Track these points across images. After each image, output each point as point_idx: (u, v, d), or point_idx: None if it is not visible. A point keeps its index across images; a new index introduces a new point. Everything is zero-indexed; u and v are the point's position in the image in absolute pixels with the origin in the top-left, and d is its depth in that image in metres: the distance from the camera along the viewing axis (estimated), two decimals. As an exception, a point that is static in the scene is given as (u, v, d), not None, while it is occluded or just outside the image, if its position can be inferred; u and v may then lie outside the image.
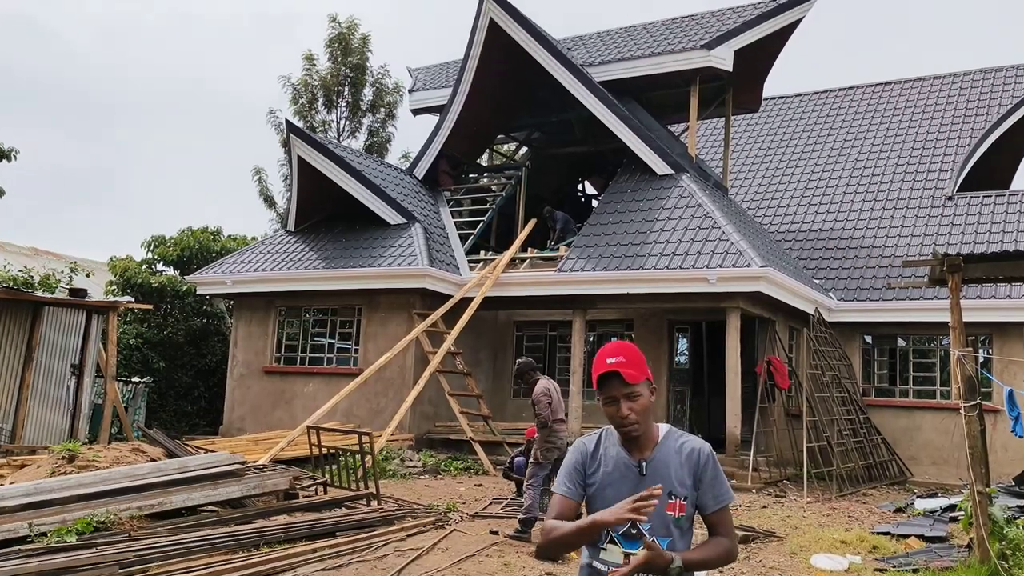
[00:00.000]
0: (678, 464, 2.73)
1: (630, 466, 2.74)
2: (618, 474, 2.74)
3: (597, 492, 2.75)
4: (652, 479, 2.70)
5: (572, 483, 2.79)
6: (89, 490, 7.96)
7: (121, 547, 6.72)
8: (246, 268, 17.02)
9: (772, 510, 10.85)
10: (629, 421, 2.70)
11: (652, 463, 2.73)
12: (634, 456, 2.75)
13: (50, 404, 13.89)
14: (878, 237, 17.84)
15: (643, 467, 2.72)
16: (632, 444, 2.76)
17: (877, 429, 15.61)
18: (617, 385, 2.69)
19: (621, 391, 2.69)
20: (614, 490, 2.70)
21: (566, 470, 2.83)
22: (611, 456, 2.77)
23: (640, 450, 2.75)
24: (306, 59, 29.16)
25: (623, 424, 2.71)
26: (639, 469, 2.72)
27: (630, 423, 2.70)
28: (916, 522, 10.06)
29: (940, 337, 16.01)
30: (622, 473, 2.74)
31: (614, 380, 2.68)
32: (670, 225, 14.98)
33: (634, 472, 2.72)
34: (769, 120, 23.52)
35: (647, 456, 2.74)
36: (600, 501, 2.72)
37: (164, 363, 19.36)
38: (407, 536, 8.10)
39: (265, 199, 29.33)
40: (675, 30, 17.88)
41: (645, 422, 2.73)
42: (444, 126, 18.19)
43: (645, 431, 2.74)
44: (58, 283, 15.28)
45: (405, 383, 15.00)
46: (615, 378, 2.68)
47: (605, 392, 2.71)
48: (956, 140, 19.92)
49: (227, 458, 9.72)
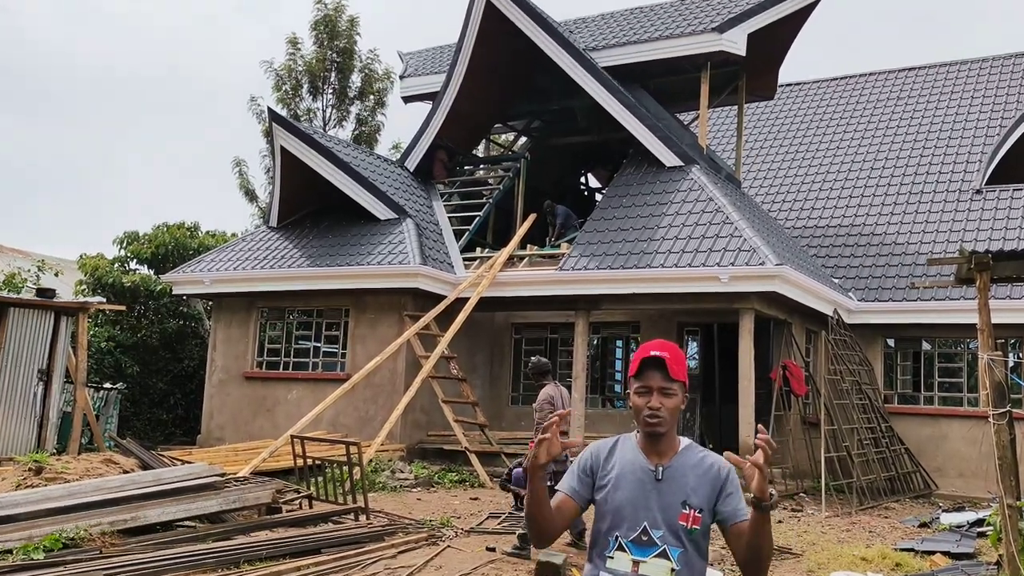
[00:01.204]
0: (696, 477, 2.78)
1: (647, 470, 2.77)
2: (633, 477, 2.78)
3: (608, 493, 2.78)
4: (668, 485, 2.75)
5: (574, 481, 2.85)
6: (57, 504, 7.96)
7: (92, 565, 6.73)
8: (225, 266, 17.02)
9: (788, 525, 10.86)
10: (658, 415, 2.75)
11: (669, 470, 2.77)
12: (651, 460, 2.79)
13: (15, 412, 13.87)
14: (901, 233, 17.86)
15: (660, 472, 2.76)
16: (651, 447, 2.80)
17: (900, 438, 15.63)
18: (657, 376, 2.76)
19: (659, 383, 2.76)
20: (625, 493, 2.74)
21: (575, 469, 2.87)
22: (627, 459, 2.82)
23: (659, 455, 2.79)
24: (290, 43, 29.19)
25: (650, 416, 2.75)
26: (655, 474, 2.76)
27: (658, 417, 2.75)
28: (941, 538, 10.08)
29: (967, 340, 16.03)
30: (637, 476, 2.77)
31: (655, 370, 2.76)
32: (679, 220, 14.99)
33: (650, 476, 2.76)
34: (785, 108, 23.54)
35: (665, 463, 2.79)
36: (610, 503, 2.76)
37: (138, 368, 19.36)
38: (398, 553, 8.10)
39: (246, 192, 29.36)
40: (685, 12, 17.89)
41: (671, 423, 2.79)
42: (437, 114, 18.20)
43: (668, 433, 2.79)
44: (24, 282, 15.30)
45: (396, 389, 15.00)
46: (658, 368, 2.75)
47: (642, 380, 2.77)
48: (985, 129, 19.95)
49: (205, 470, 9.73)
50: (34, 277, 16.08)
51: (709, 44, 16.42)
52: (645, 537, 2.69)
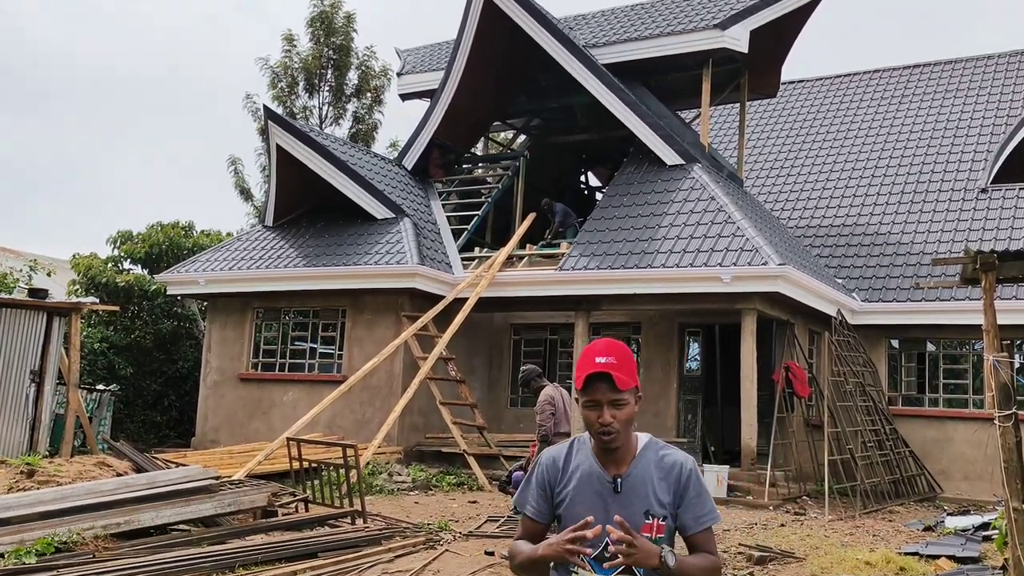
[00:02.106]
0: (657, 479, 2.69)
1: (604, 481, 2.70)
2: (590, 490, 2.70)
3: (568, 508, 2.72)
4: (628, 496, 2.67)
5: (537, 502, 2.79)
6: (50, 507, 7.96)
7: (85, 569, 6.72)
8: (221, 266, 17.01)
9: (791, 528, 10.86)
10: (611, 430, 2.65)
11: (628, 479, 2.70)
12: (609, 470, 2.71)
13: (7, 414, 13.86)
14: (905, 233, 17.87)
15: (618, 484, 2.68)
16: (608, 457, 2.72)
17: (904, 441, 15.62)
18: (604, 389, 2.64)
19: (607, 396, 2.64)
20: (585, 507, 2.67)
21: (532, 487, 2.81)
22: (583, 470, 2.73)
23: (616, 464, 2.71)
24: (285, 40, 29.16)
25: (603, 433, 2.67)
26: (613, 486, 2.68)
27: (611, 432, 2.66)
28: (947, 541, 10.07)
29: (973, 341, 16.03)
30: (595, 489, 2.70)
31: (602, 383, 2.64)
32: (680, 220, 14.99)
33: (608, 488, 2.69)
34: (788, 106, 23.55)
35: (623, 471, 2.70)
36: (569, 519, 2.69)
37: (131, 369, 19.35)
38: (395, 557, 8.10)
39: (241, 191, 29.35)
40: (686, 8, 17.89)
41: (626, 433, 2.69)
42: (435, 112, 18.19)
43: (624, 443, 2.70)
44: (16, 282, 15.30)
45: (393, 391, 15.00)
46: (603, 381, 2.64)
47: (589, 395, 2.66)
48: (990, 127, 19.96)
49: (200, 473, 9.72)
50: (26, 277, 16.08)
51: (711, 41, 16.44)
52: (608, 553, 2.60)
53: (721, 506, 12.56)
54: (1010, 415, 7.25)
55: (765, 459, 13.52)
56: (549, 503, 2.78)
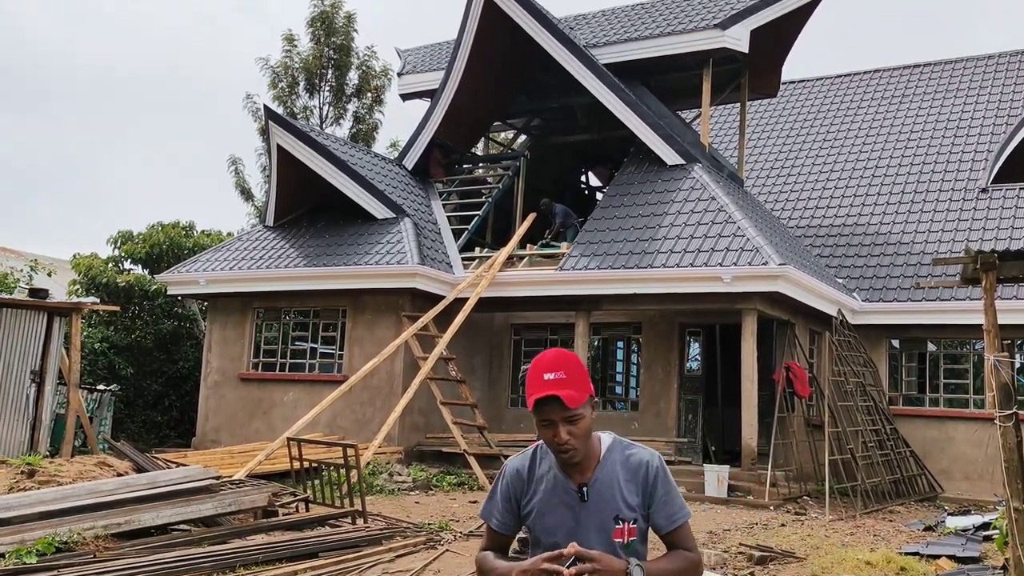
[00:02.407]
0: (624, 481, 2.65)
1: (570, 491, 2.66)
2: (557, 499, 2.66)
3: (536, 520, 2.68)
4: (595, 503, 2.64)
5: (502, 515, 2.76)
6: (51, 507, 7.96)
7: (85, 569, 6.73)
8: (221, 266, 17.02)
9: (791, 528, 10.86)
10: (568, 447, 2.59)
11: (595, 486, 2.65)
12: (574, 479, 2.67)
13: (8, 414, 13.87)
14: (906, 233, 17.86)
15: (584, 492, 2.64)
16: (572, 468, 2.68)
17: (905, 441, 15.62)
18: (556, 409, 2.55)
19: (560, 415, 2.56)
20: (554, 518, 2.65)
21: (497, 500, 2.77)
22: (548, 479, 2.69)
23: (581, 472, 2.67)
24: (286, 40, 29.15)
25: (560, 451, 2.61)
26: (580, 495, 2.64)
27: (569, 448, 2.60)
28: (947, 541, 10.07)
29: (973, 341, 16.03)
30: (561, 499, 2.66)
31: (552, 404, 2.55)
32: (681, 220, 14.99)
33: (575, 497, 2.65)
34: (788, 106, 23.55)
35: (588, 479, 2.66)
36: (541, 530, 2.67)
37: (132, 369, 19.35)
38: (396, 557, 8.11)
39: (242, 191, 29.34)
40: (687, 8, 17.90)
41: (585, 446, 2.63)
42: (436, 112, 18.19)
43: (585, 454, 2.65)
44: (17, 282, 15.30)
45: (393, 391, 15.00)
46: (553, 403, 2.54)
47: (541, 415, 2.58)
48: (991, 127, 19.95)
49: (200, 473, 9.73)
50: (27, 277, 16.08)
51: (711, 41, 16.44)
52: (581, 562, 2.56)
53: (721, 506, 12.57)
54: (1011, 415, 7.24)
55: (766, 459, 13.52)
56: (515, 515, 2.75)
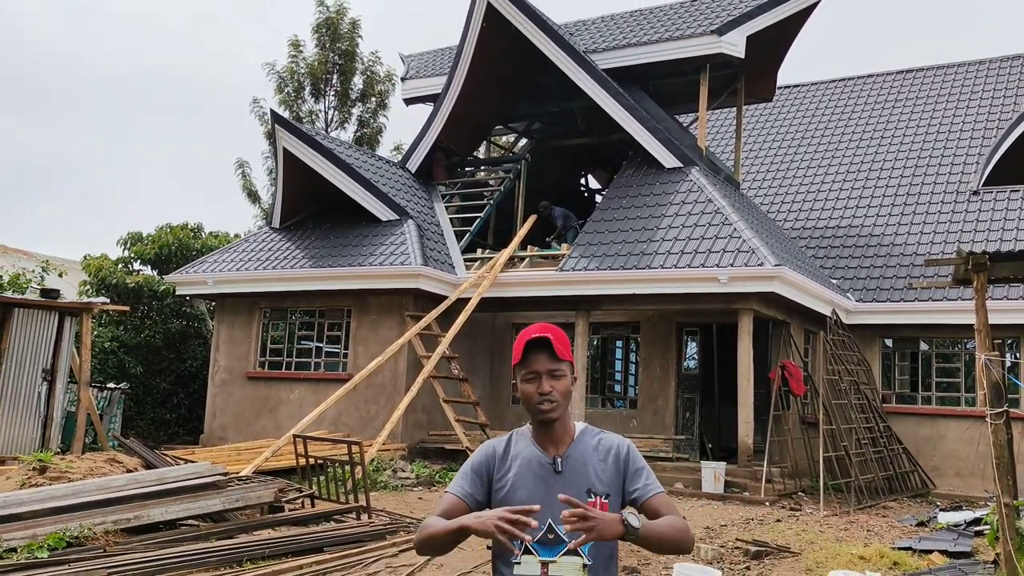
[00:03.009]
0: (597, 461, 2.67)
1: (544, 464, 2.66)
2: (531, 474, 2.66)
3: (509, 494, 2.65)
4: (569, 476, 2.63)
5: (467, 483, 2.71)
6: (61, 503, 7.97)
7: (95, 563, 6.73)
8: (228, 267, 17.03)
9: (786, 524, 10.86)
10: (551, 398, 2.64)
11: (568, 460, 2.66)
12: (548, 452, 2.68)
13: (20, 412, 13.88)
14: (899, 234, 17.86)
15: (558, 463, 2.65)
16: (546, 437, 2.69)
17: (898, 438, 15.62)
18: (543, 358, 2.65)
19: (546, 365, 2.64)
20: (527, 491, 2.63)
21: (465, 469, 2.74)
22: (524, 456, 2.69)
23: (555, 445, 2.68)
24: (292, 45, 29.17)
25: (542, 401, 2.64)
26: (554, 466, 2.65)
27: (551, 401, 2.64)
28: (939, 537, 10.07)
29: (965, 340, 16.03)
30: (535, 473, 2.66)
31: (541, 352, 2.65)
32: (678, 221, 14.99)
33: (548, 470, 2.65)
34: (784, 110, 23.54)
35: (562, 452, 2.67)
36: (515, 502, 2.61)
37: (141, 368, 19.36)
38: (399, 552, 8.10)
39: (249, 194, 29.36)
40: (684, 14, 17.89)
41: (564, 408, 2.68)
42: (438, 116, 18.20)
43: (562, 420, 2.68)
44: (29, 283, 15.29)
45: (397, 389, 15.00)
46: (543, 350, 2.65)
47: (528, 366, 2.66)
48: (982, 131, 19.94)
49: (208, 469, 9.73)
50: (38, 278, 16.06)
51: (708, 46, 16.42)
52: (551, 535, 2.55)
53: (718, 502, 12.58)
54: (1001, 413, 7.25)
55: (761, 456, 13.51)
56: (484, 488, 2.70)
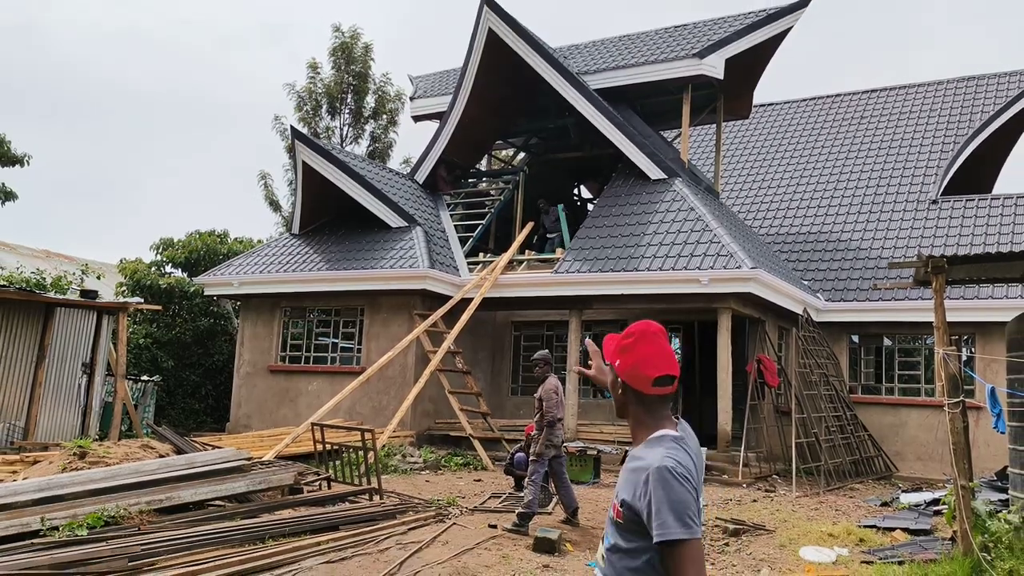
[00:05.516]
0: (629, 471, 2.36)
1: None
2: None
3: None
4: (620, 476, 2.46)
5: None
6: (99, 485, 7.96)
7: (130, 541, 6.72)
8: (252, 270, 17.02)
9: (762, 504, 10.85)
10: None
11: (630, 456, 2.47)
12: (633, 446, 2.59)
13: (62, 402, 13.88)
14: (864, 239, 17.86)
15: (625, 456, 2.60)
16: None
17: (864, 426, 15.61)
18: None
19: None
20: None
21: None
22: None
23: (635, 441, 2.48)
24: (310, 67, 29.22)
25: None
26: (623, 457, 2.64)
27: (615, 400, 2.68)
28: (901, 516, 10.07)
29: (925, 336, 16.03)
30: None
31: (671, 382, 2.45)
32: (663, 228, 14.99)
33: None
34: (759, 126, 23.54)
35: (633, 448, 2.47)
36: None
37: (172, 362, 19.35)
38: (408, 530, 8.10)
39: (271, 203, 29.36)
40: (668, 39, 17.90)
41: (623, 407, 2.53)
42: (444, 132, 18.20)
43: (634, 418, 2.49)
44: (70, 284, 15.25)
45: (406, 382, 15.00)
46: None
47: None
48: (940, 145, 19.95)
49: (233, 454, 9.73)
50: (78, 280, 16.03)
51: (690, 68, 16.43)
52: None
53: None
54: (958, 402, 7.25)
55: (739, 442, 13.51)
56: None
